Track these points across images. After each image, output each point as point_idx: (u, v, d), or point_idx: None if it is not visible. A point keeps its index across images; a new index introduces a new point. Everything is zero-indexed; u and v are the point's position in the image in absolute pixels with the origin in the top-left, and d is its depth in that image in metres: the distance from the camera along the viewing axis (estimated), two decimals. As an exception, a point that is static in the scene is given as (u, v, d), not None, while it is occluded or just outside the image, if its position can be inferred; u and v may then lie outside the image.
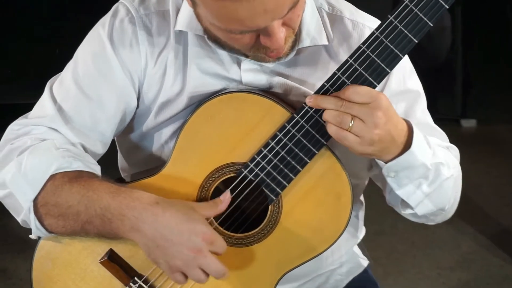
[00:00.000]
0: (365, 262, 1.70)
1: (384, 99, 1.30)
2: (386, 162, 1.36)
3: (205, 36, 1.39)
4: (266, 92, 1.41)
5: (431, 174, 1.39)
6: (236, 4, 1.19)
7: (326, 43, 1.44)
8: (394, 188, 1.40)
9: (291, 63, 1.43)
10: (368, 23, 1.48)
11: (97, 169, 1.40)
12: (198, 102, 1.41)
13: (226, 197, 1.36)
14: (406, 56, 1.50)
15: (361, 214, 1.66)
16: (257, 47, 1.32)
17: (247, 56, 1.39)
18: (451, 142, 1.53)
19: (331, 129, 1.30)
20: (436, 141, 1.46)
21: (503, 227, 3.46)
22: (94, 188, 1.34)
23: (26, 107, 1.51)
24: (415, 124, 1.39)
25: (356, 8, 1.51)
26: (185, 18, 1.41)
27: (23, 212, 1.37)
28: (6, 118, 1.63)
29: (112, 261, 1.39)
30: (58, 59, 1.66)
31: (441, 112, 4.46)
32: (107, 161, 1.52)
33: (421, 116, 1.50)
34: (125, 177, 1.60)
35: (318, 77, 1.42)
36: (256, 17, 1.22)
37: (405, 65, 1.50)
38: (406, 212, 1.46)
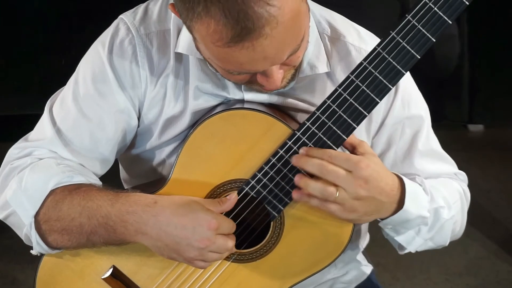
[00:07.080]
0: (368, 269, 1.70)
1: (364, 166, 1.27)
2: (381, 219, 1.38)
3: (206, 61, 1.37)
4: (267, 108, 1.41)
5: (430, 219, 1.40)
6: (236, 51, 1.19)
7: (326, 70, 1.43)
8: (393, 236, 1.42)
9: (292, 86, 1.42)
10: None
11: (98, 184, 1.40)
12: (199, 119, 1.41)
13: (232, 197, 1.35)
14: (412, 80, 1.49)
15: (365, 224, 1.66)
16: (252, 81, 1.32)
17: None
18: (459, 147, 1.54)
19: (314, 202, 1.30)
20: (442, 168, 1.48)
21: (511, 233, 3.45)
22: (93, 197, 1.34)
23: (31, 118, 1.51)
24: (420, 153, 1.42)
25: (359, 30, 1.48)
26: (186, 40, 1.39)
27: (25, 228, 1.37)
28: (11, 129, 1.64)
29: (115, 277, 1.39)
30: (63, 70, 1.66)
31: (449, 117, 4.45)
32: (109, 173, 1.52)
33: (426, 142, 1.50)
34: (128, 189, 1.59)
35: (319, 101, 1.38)
36: (256, 62, 1.22)
37: (410, 90, 1.49)
38: (403, 252, 1.47)
